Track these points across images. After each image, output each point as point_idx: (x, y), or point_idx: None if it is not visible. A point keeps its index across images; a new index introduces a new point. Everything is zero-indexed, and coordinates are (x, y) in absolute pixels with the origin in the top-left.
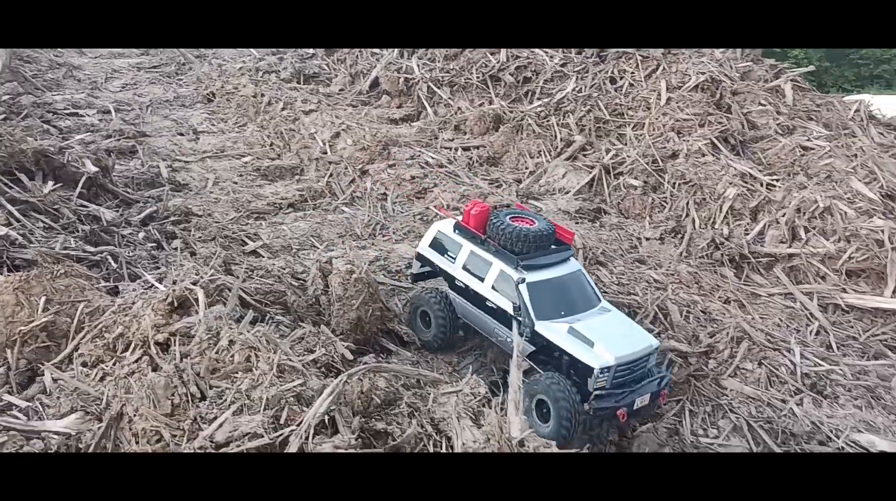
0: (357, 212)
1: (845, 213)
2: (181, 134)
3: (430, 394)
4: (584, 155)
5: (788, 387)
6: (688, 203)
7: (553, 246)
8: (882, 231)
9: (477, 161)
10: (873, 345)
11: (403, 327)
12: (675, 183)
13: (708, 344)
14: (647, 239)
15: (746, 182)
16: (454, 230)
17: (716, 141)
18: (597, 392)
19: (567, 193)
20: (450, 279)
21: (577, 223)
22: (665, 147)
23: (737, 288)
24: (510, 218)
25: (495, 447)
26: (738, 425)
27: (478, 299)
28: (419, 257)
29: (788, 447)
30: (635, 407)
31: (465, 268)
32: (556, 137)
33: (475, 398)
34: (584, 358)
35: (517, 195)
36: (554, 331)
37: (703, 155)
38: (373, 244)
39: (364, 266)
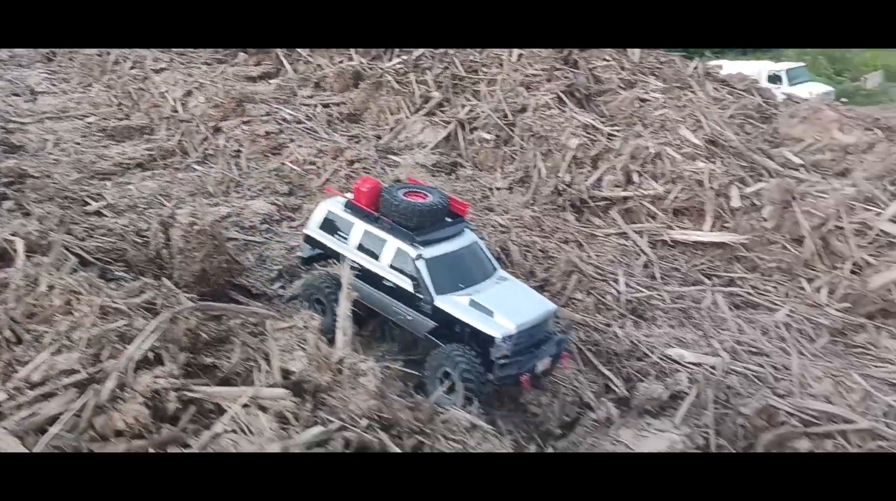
0: (210, 170)
1: (673, 158)
2: (16, 94)
3: (263, 331)
4: (442, 111)
5: (614, 313)
6: (535, 154)
7: (448, 219)
8: (703, 173)
9: (337, 118)
10: (693, 274)
11: (252, 280)
12: (524, 136)
13: (543, 278)
14: (498, 189)
15: (589, 133)
16: (345, 209)
17: (562, 95)
18: (500, 361)
19: (425, 147)
20: (343, 261)
21: (433, 177)
22: (515, 102)
23: (577, 230)
24: (403, 193)
25: (316, 367)
26: (570, 350)
27: (374, 279)
28: (308, 239)
29: (612, 366)
30: (537, 371)
31: (359, 248)
32: (414, 93)
33: (308, 330)
34: (485, 329)
35: (376, 150)
36: (454, 305)
37: (550, 108)
38: (226, 201)
39: (207, 218)
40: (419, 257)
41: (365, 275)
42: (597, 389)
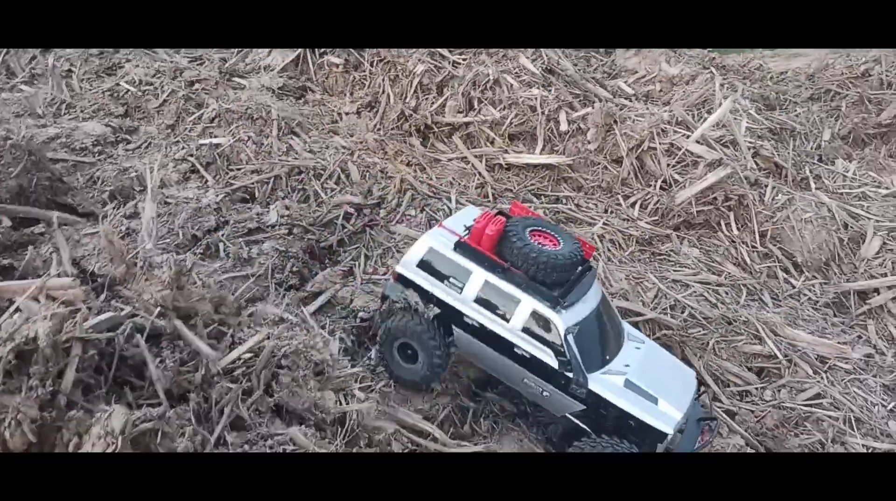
0: (38, 90)
1: (511, 85)
2: None
3: (75, 234)
4: None
5: None
6: (384, 80)
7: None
8: (535, 99)
9: None
10: (522, 193)
11: (80, 199)
12: (373, 61)
13: (379, 196)
14: (347, 114)
15: (435, 60)
16: (455, 250)
17: None
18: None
19: (272, 70)
20: (454, 314)
21: (280, 100)
22: None
23: (422, 155)
24: (530, 232)
25: (111, 260)
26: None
27: (498, 342)
28: (401, 278)
29: None
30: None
31: (478, 302)
32: None
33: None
34: (652, 421)
35: (220, 73)
36: (610, 389)
37: None
38: (55, 122)
39: (23, 132)
40: (572, 331)
41: (483, 333)
42: None
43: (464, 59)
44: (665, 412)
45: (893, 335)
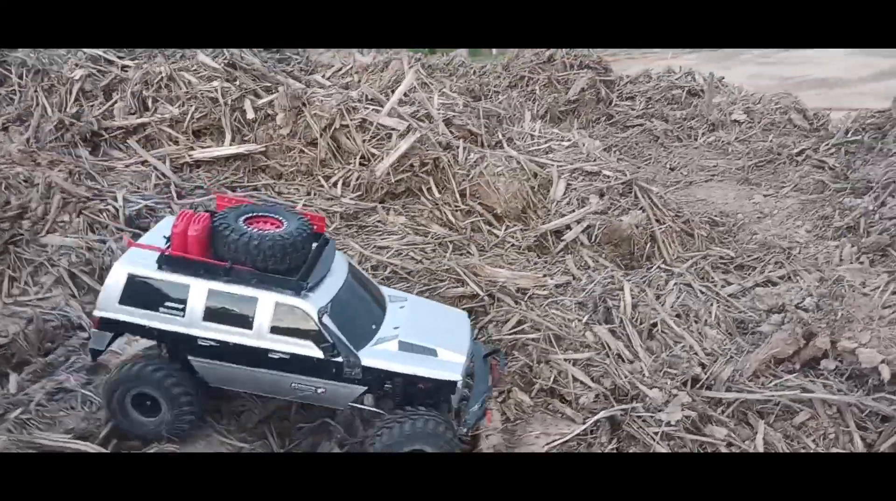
0: None
1: (189, 81)
2: None
3: None
4: None
5: (111, 228)
6: (36, 91)
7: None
8: (217, 90)
9: None
10: (215, 187)
11: None
12: (21, 73)
13: (19, 205)
14: None
15: (100, 64)
16: (161, 268)
17: None
18: (469, 409)
19: None
20: (185, 343)
21: None
22: None
23: (91, 164)
24: (245, 220)
25: None
26: (59, 275)
27: (249, 355)
28: (105, 323)
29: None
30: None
31: (208, 317)
32: None
33: None
34: (437, 374)
35: None
36: (385, 357)
37: None
38: None
39: None
40: (325, 311)
41: (226, 352)
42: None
43: (133, 61)
44: (448, 361)
45: (587, 263)
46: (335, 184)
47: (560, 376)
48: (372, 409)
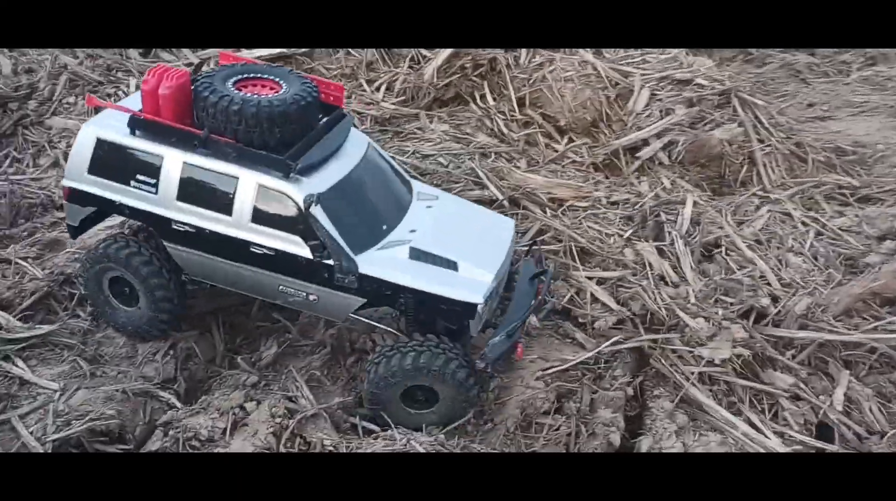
0: None
1: None
2: None
3: None
4: None
5: None
6: None
7: (321, 115)
8: None
9: None
10: None
11: None
12: None
13: (29, 85)
14: None
15: None
16: (134, 133)
17: None
18: (492, 338)
19: None
20: (159, 225)
21: None
22: None
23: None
24: (235, 82)
25: None
26: (56, 158)
27: (229, 247)
28: (75, 195)
29: None
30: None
31: (183, 197)
32: None
33: None
34: (454, 294)
35: None
36: (391, 265)
37: None
38: None
39: None
40: (312, 200)
41: (204, 240)
42: None
43: None
44: (470, 278)
45: (666, 186)
46: (378, 88)
47: (579, 296)
48: (377, 324)
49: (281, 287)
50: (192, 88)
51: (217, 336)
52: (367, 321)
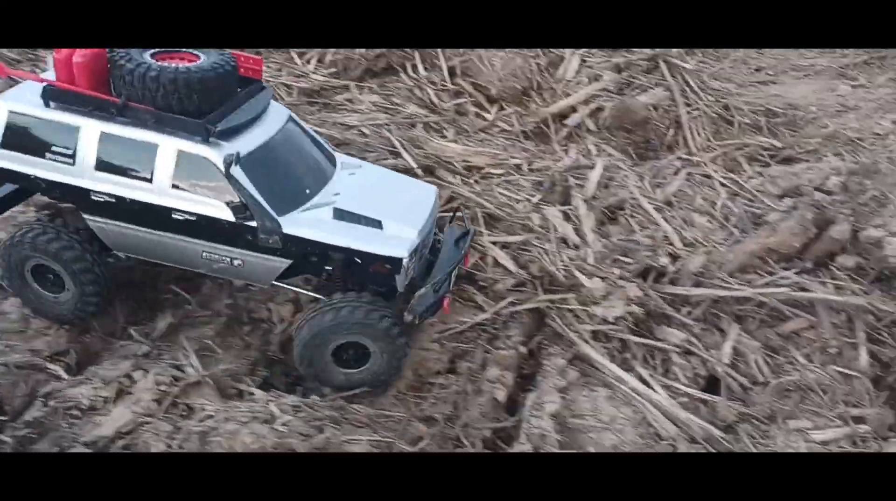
0: None
1: None
2: None
3: None
4: None
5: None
6: None
7: (239, 89)
8: None
9: None
10: None
11: None
12: None
13: None
14: None
15: None
16: (48, 104)
17: None
18: (418, 292)
19: None
20: (78, 197)
21: None
22: None
23: None
24: (154, 54)
25: None
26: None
27: (151, 215)
28: None
29: None
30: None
31: (101, 167)
32: None
33: None
34: (379, 250)
35: None
36: (316, 225)
37: None
38: None
39: None
40: (232, 159)
41: (124, 210)
42: None
43: None
44: (395, 235)
45: (591, 151)
46: (308, 61)
47: (483, 261)
48: (299, 290)
49: (204, 253)
50: (109, 57)
51: (118, 309)
52: (291, 288)
